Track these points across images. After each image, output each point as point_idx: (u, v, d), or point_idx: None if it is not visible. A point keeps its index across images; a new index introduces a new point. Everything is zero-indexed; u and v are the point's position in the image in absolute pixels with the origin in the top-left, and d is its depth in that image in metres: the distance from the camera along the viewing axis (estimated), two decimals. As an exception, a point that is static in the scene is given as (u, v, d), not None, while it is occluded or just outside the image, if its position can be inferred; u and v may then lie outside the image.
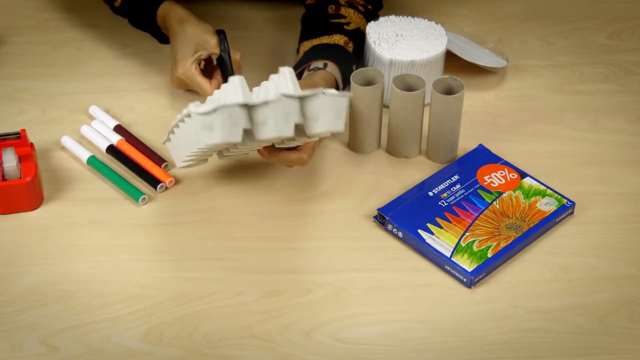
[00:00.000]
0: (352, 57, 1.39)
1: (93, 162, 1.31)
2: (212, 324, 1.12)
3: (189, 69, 1.34)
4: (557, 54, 1.55)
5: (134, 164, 1.32)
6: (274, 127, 1.11)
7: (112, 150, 1.34)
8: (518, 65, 1.52)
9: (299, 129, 1.17)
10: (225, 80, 1.36)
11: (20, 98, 1.44)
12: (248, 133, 1.14)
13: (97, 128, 1.37)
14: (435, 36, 1.42)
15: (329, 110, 1.13)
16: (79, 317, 1.13)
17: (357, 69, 1.39)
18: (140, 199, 1.26)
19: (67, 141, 1.34)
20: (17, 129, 1.30)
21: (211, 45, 1.36)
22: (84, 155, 1.32)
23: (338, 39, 1.38)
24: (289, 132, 1.12)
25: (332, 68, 1.34)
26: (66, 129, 1.38)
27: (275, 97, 1.10)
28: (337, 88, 1.34)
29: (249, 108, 1.11)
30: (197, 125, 1.11)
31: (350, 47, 1.38)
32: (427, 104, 1.38)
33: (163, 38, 1.44)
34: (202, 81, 1.35)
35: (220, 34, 1.37)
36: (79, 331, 1.11)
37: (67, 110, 1.41)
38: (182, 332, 1.11)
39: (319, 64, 1.33)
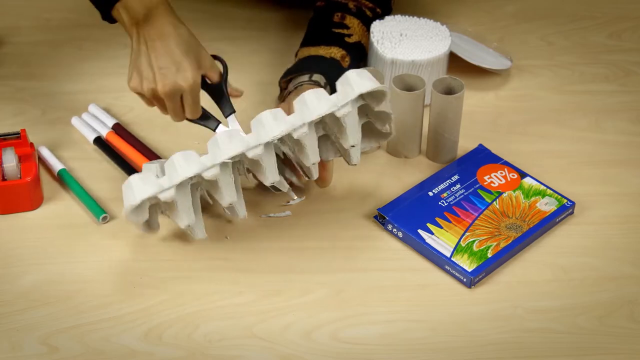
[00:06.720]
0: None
1: (64, 174, 1.29)
2: (212, 324, 1.12)
3: (198, 80, 1.17)
4: (557, 54, 1.55)
5: (123, 156, 1.32)
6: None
7: (99, 142, 1.34)
8: (518, 65, 1.52)
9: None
10: (221, 109, 1.25)
11: (20, 98, 1.44)
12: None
13: (89, 121, 1.38)
14: (439, 37, 1.41)
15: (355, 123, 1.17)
16: (79, 317, 1.13)
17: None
18: (101, 217, 1.23)
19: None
20: (17, 129, 1.30)
21: (208, 66, 1.20)
22: (57, 166, 1.30)
23: (335, 52, 1.37)
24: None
25: (318, 78, 1.31)
26: (66, 128, 1.38)
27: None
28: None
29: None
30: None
31: (346, 62, 1.37)
32: (427, 104, 1.37)
33: (108, 15, 1.19)
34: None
35: (222, 61, 1.23)
36: (79, 331, 1.11)
37: (67, 110, 1.41)
38: (182, 332, 1.11)
39: (305, 77, 1.31)
